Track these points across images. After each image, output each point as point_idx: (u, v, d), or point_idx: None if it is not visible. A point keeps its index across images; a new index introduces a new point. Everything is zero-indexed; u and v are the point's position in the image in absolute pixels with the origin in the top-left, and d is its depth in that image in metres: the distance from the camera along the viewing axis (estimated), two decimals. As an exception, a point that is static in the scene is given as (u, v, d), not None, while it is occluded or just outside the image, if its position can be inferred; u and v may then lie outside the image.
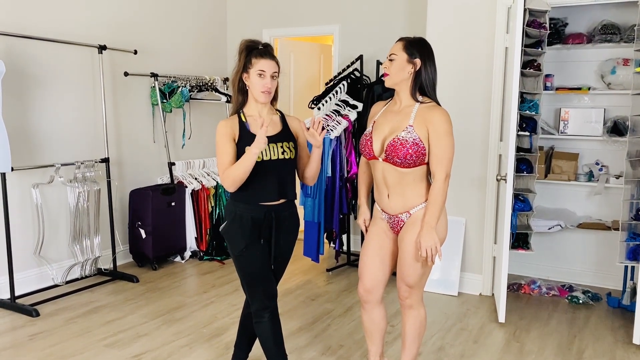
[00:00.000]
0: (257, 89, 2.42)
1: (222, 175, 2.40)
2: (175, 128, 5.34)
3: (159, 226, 4.70)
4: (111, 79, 4.70)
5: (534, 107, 4.12)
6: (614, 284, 4.31)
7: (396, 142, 2.35)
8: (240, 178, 2.35)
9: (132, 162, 4.96)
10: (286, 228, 2.54)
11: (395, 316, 3.70)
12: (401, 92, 2.44)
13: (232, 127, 2.43)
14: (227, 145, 2.41)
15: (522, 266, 4.62)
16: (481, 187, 4.14)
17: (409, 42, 2.41)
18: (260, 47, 2.46)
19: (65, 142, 4.33)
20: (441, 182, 2.34)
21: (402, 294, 2.53)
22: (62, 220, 4.32)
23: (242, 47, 2.46)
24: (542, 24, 3.96)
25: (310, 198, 4.37)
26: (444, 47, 4.11)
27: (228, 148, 2.40)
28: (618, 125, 4.17)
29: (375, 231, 2.58)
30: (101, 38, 4.53)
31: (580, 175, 4.41)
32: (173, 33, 5.29)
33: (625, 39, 4.12)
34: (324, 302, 4.02)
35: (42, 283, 4.19)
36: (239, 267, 2.50)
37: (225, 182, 2.38)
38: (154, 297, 4.09)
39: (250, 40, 2.48)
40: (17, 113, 3.97)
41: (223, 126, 2.43)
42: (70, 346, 3.25)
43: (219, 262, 5.00)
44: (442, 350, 3.26)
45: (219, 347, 3.25)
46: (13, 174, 3.90)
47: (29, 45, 4.02)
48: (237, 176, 2.35)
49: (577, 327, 3.62)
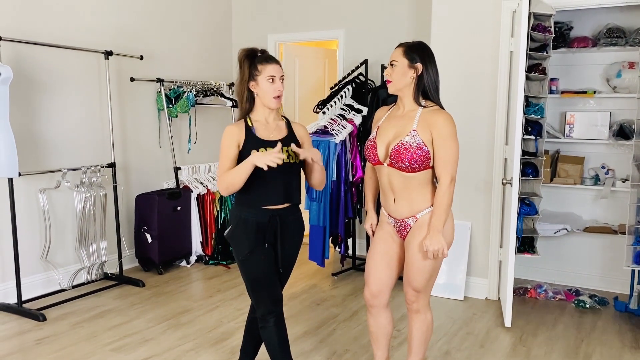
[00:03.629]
0: (269, 95, 2.44)
1: (218, 178, 2.43)
2: (181, 133, 5.36)
3: (164, 231, 4.72)
4: (117, 85, 4.73)
5: (539, 111, 4.11)
6: (621, 288, 4.28)
7: (400, 147, 2.35)
8: (235, 184, 2.37)
9: (138, 167, 4.98)
10: (291, 232, 2.55)
11: (401, 320, 3.69)
12: (404, 97, 2.45)
13: (238, 132, 2.44)
14: (229, 150, 2.43)
15: (528, 270, 4.61)
16: (487, 191, 4.13)
17: (409, 47, 2.42)
18: (260, 54, 2.47)
19: (72, 147, 4.35)
20: (446, 186, 2.34)
21: (408, 298, 2.53)
22: (69, 225, 4.34)
23: (242, 56, 2.47)
24: (547, 27, 3.95)
25: (315, 202, 4.37)
26: (449, 51, 4.12)
27: (230, 153, 2.43)
28: (624, 128, 4.16)
29: (381, 235, 2.58)
30: (107, 44, 4.56)
31: (586, 179, 4.39)
32: (179, 39, 5.32)
33: (631, 43, 4.11)
34: (329, 307, 4.01)
35: (49, 288, 4.20)
36: (243, 271, 2.50)
37: (220, 186, 2.42)
38: (159, 301, 4.10)
39: (249, 48, 2.49)
40: (24, 118, 4.00)
41: (229, 131, 2.45)
42: (76, 351, 3.26)
43: (224, 266, 5.01)
44: (448, 354, 3.25)
45: (224, 352, 3.25)
46: (20, 179, 3.93)
47: (36, 51, 4.05)
48: (231, 182, 2.37)
49: (584, 332, 3.60)
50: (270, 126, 2.50)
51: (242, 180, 2.36)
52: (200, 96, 5.26)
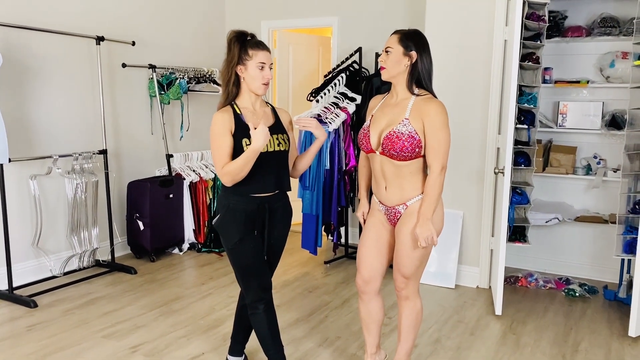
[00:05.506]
0: (257, 82, 2.39)
1: (220, 170, 2.34)
2: (174, 120, 5.33)
3: (157, 218, 4.70)
4: (109, 71, 4.69)
5: (532, 100, 4.11)
6: (611, 277, 4.32)
7: (392, 135, 2.35)
8: (242, 174, 2.32)
9: (130, 154, 4.95)
10: (279, 219, 2.54)
11: (392, 308, 3.71)
12: (397, 85, 2.44)
13: (228, 119, 2.37)
14: (224, 139, 2.34)
15: (519, 259, 4.63)
16: (479, 180, 4.14)
17: (404, 34, 2.41)
18: (250, 38, 2.42)
19: (63, 133, 4.32)
20: (437, 174, 2.34)
21: (398, 285, 2.54)
22: (60, 211, 4.32)
23: (232, 38, 2.40)
24: (541, 16, 3.94)
25: (308, 191, 4.37)
26: (443, 39, 4.10)
27: (226, 142, 2.34)
28: (616, 118, 4.17)
29: (372, 222, 2.58)
30: (99, 29, 4.51)
31: (578, 169, 4.41)
32: (171, 24, 5.27)
33: (625, 32, 4.11)
34: (321, 294, 4.03)
35: (40, 274, 4.19)
36: (233, 259, 2.48)
37: (224, 178, 2.33)
38: (151, 288, 4.10)
39: (239, 30, 2.42)
40: (14, 104, 3.96)
41: (219, 119, 2.36)
42: (68, 337, 3.26)
43: (216, 254, 5.01)
44: (438, 342, 3.27)
45: (216, 339, 3.26)
46: (10, 166, 3.90)
47: (27, 36, 4.00)
48: (238, 173, 2.31)
49: (573, 320, 3.63)
50: (257, 113, 2.46)
51: (248, 170, 2.32)
52: (193, 83, 5.22)
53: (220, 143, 2.35)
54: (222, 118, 2.37)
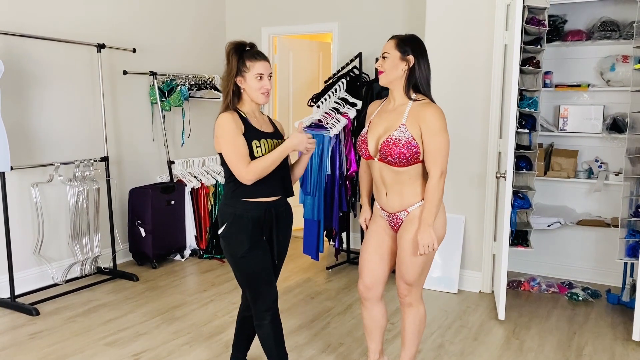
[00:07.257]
0: (256, 91, 2.40)
1: (245, 169, 2.31)
2: (175, 126, 5.34)
3: (158, 225, 4.70)
4: (110, 78, 4.70)
5: (533, 105, 4.11)
6: (614, 280, 4.31)
7: (389, 141, 2.35)
8: (266, 172, 2.35)
9: (132, 161, 4.95)
10: (284, 223, 2.55)
11: (395, 314, 3.70)
12: (395, 91, 2.44)
13: (237, 119, 2.38)
14: (239, 138, 2.34)
15: (521, 263, 4.62)
16: (481, 184, 4.14)
17: (401, 39, 2.41)
18: (248, 48, 2.42)
19: (65, 141, 4.32)
20: (436, 180, 2.33)
21: (401, 291, 2.54)
22: (62, 219, 4.32)
23: (230, 50, 2.41)
24: (541, 21, 3.95)
25: (310, 196, 4.37)
26: (443, 44, 4.11)
27: (242, 140, 2.34)
28: (617, 122, 4.17)
29: (375, 229, 2.58)
30: (100, 36, 4.52)
31: (580, 173, 4.41)
32: (172, 31, 5.29)
33: (625, 36, 4.11)
34: (323, 300, 4.02)
35: (42, 282, 4.19)
36: (241, 269, 2.44)
37: (249, 175, 2.31)
38: (153, 295, 4.09)
39: (237, 42, 2.43)
40: (16, 112, 3.97)
41: (229, 119, 2.35)
42: (70, 345, 3.25)
43: (218, 260, 5.00)
44: (441, 347, 3.26)
45: (218, 346, 3.25)
46: (12, 173, 3.90)
47: (28, 44, 4.01)
48: (266, 169, 2.33)
49: (576, 324, 3.62)
50: (259, 119, 2.50)
51: (274, 167, 2.36)
52: (194, 89, 5.23)
53: (238, 142, 2.34)
54: (232, 118, 2.37)
